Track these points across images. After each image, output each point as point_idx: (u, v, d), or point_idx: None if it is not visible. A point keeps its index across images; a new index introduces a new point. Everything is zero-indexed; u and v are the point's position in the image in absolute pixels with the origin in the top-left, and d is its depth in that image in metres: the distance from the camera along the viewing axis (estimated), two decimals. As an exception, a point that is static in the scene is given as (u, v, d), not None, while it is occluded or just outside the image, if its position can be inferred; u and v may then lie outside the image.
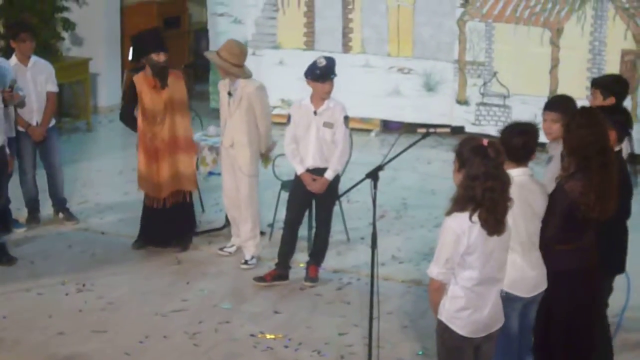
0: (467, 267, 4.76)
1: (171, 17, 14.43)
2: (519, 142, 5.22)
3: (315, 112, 7.61)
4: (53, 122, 8.92)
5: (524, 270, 5.29)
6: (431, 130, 6.04)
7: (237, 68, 7.90)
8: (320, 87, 7.59)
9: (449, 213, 4.73)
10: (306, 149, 7.65)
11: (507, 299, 5.19)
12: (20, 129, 8.66)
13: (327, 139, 7.60)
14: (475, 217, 4.68)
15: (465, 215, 4.69)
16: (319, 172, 7.62)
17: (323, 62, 7.58)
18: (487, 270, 4.80)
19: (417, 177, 10.69)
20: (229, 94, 7.94)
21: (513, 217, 4.92)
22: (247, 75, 7.93)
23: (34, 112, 8.76)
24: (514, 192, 4.83)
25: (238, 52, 7.91)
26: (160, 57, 8.08)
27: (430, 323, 5.68)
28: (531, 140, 5.30)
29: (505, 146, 4.92)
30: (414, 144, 6.00)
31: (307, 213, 8.03)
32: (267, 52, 12.46)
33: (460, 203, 4.70)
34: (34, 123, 8.74)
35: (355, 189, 6.40)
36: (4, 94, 7.93)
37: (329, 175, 7.60)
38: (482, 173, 4.67)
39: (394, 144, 6.25)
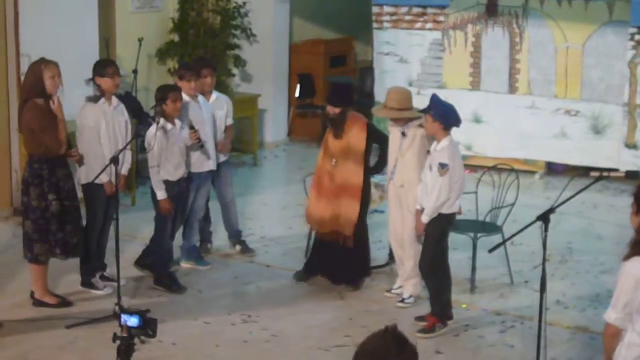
0: (647, 313, 4.64)
1: (337, 55, 14.67)
2: None
3: (428, 152, 7.61)
4: (228, 156, 9.17)
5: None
6: (605, 174, 5.93)
7: (407, 111, 7.94)
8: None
9: (627, 257, 4.64)
10: (422, 188, 7.65)
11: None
12: None
13: (428, 181, 7.52)
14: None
15: (645, 259, 4.59)
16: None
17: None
18: (667, 318, 4.67)
19: (582, 221, 10.51)
20: (403, 134, 7.99)
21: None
22: (418, 113, 7.97)
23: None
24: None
25: (402, 97, 7.95)
26: (333, 110, 8.27)
27: (598, 371, 5.57)
28: None
29: None
30: (587, 187, 5.91)
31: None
32: (432, 91, 12.45)
33: (638, 247, 4.60)
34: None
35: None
36: (190, 135, 8.25)
37: (422, 218, 7.54)
38: None
39: (566, 187, 6.17)
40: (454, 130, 7.52)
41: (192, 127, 8.29)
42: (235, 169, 12.02)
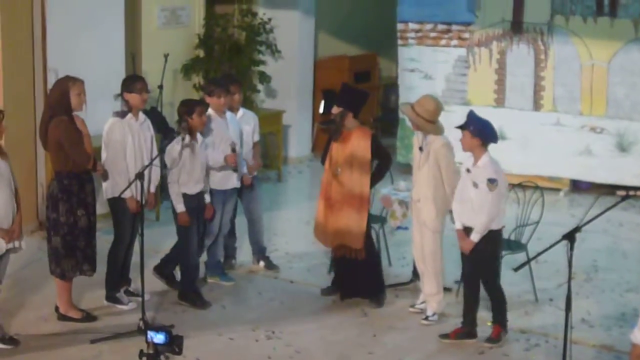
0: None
1: (362, 71, 14.68)
2: None
3: (468, 170, 7.59)
4: (256, 172, 9.22)
5: None
6: (631, 193, 5.91)
7: (430, 124, 7.95)
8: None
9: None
10: (462, 206, 7.63)
11: None
12: None
13: (473, 197, 7.49)
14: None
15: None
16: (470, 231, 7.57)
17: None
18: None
19: (608, 239, 10.45)
20: (420, 148, 8.02)
21: None
22: (439, 132, 7.97)
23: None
24: None
25: (433, 109, 7.95)
26: (334, 111, 8.29)
27: (624, 391, 5.53)
28: None
29: None
30: (614, 206, 5.88)
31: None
32: (456, 108, 12.45)
33: None
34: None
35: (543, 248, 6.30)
36: (228, 157, 8.36)
37: (473, 237, 7.51)
38: None
39: (592, 205, 6.15)
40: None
41: (234, 150, 8.37)
42: (259, 184, 12.06)
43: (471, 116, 7.58)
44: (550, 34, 12.22)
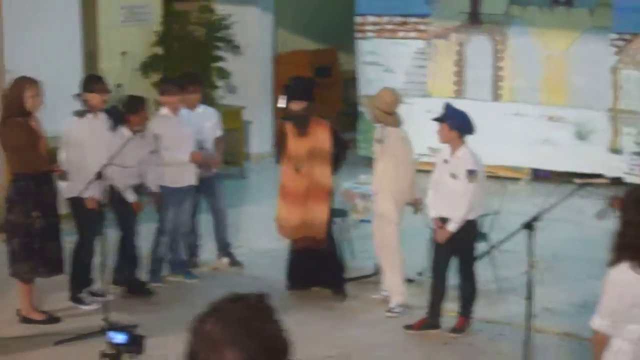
0: (633, 320, 4.65)
1: (322, 66, 14.66)
2: None
3: (445, 160, 7.62)
4: (217, 168, 9.21)
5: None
6: (590, 180, 5.97)
7: (387, 116, 8.00)
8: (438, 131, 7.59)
9: (612, 263, 4.64)
10: (438, 196, 7.66)
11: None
12: None
13: (452, 188, 7.55)
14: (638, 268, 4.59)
15: (628, 265, 4.59)
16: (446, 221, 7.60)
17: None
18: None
19: (569, 227, 10.51)
20: (380, 140, 8.06)
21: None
22: (397, 123, 8.02)
23: None
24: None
25: (390, 101, 8.01)
26: (296, 106, 8.25)
27: (588, 377, 5.57)
28: None
29: None
30: (572, 193, 5.94)
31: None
32: (416, 100, 12.47)
33: (622, 252, 4.61)
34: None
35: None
36: (194, 155, 8.46)
37: (450, 227, 7.55)
38: (638, 220, 4.59)
39: (551, 194, 6.20)
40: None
41: (201, 148, 8.41)
42: (222, 181, 12.02)
43: (448, 108, 7.64)
44: (508, 24, 12.28)
